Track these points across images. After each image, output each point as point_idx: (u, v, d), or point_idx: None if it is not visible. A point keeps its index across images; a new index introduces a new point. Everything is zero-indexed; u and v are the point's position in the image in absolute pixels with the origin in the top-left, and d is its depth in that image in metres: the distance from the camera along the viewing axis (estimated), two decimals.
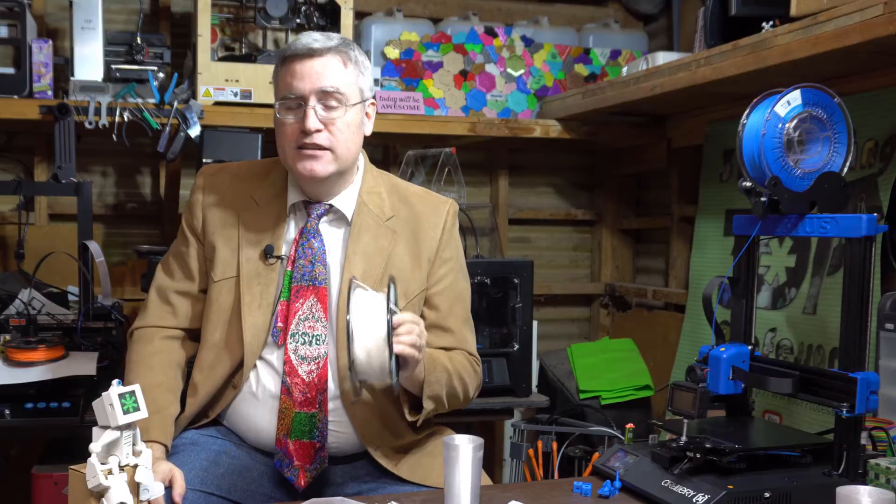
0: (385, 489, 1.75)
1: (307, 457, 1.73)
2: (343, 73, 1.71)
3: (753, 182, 1.72)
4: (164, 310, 1.84)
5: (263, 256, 1.76)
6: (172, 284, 1.85)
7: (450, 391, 1.76)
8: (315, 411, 1.73)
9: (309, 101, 1.69)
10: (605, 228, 3.71)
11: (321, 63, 1.70)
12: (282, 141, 1.75)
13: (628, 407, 3.10)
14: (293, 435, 1.72)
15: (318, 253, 1.76)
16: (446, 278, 1.85)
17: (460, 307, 1.88)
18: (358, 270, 1.76)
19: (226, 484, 1.70)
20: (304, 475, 1.73)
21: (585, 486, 1.68)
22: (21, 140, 3.10)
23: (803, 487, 1.57)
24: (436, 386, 1.72)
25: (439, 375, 1.73)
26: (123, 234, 3.22)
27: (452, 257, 1.87)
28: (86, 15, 2.73)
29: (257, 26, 3.02)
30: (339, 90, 1.70)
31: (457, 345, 1.84)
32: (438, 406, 1.76)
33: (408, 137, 3.19)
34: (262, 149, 2.68)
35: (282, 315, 1.75)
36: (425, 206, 1.86)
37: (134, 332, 1.84)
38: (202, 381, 1.79)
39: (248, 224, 1.79)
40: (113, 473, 1.33)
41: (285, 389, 1.73)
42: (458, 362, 1.81)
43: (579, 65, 3.40)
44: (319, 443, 1.73)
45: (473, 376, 1.84)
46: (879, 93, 2.27)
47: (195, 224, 1.84)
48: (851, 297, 1.62)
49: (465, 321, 1.89)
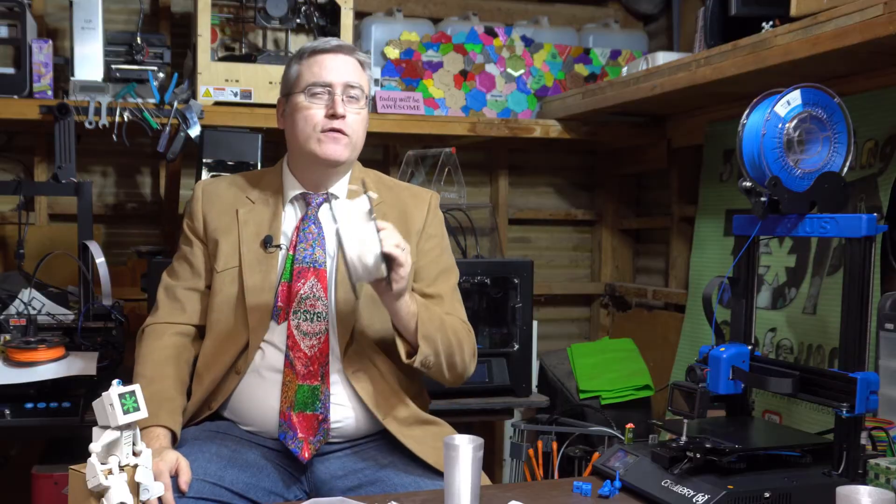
0: (386, 483, 1.75)
1: (311, 429, 1.79)
2: (360, 72, 1.89)
3: (753, 182, 1.72)
4: (174, 306, 1.92)
5: (263, 246, 1.87)
6: (179, 283, 1.94)
7: (444, 339, 1.80)
8: (318, 384, 1.80)
9: (336, 91, 1.83)
10: (605, 228, 3.71)
11: (344, 60, 1.86)
12: (304, 125, 1.85)
13: (628, 407, 3.10)
14: (297, 407, 1.79)
15: (317, 238, 1.87)
16: (432, 252, 1.95)
17: (448, 278, 1.96)
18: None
19: (228, 476, 1.72)
20: (307, 447, 1.79)
21: (585, 486, 1.68)
22: (21, 140, 3.10)
23: (803, 487, 1.57)
24: (429, 325, 1.76)
25: (433, 315, 1.78)
26: (123, 234, 3.22)
27: (437, 234, 1.98)
28: (86, 15, 2.73)
29: (257, 26, 3.02)
30: (360, 86, 1.87)
31: (447, 310, 1.90)
32: (434, 353, 1.78)
33: (408, 137, 3.19)
34: (261, 149, 2.68)
35: (282, 295, 1.84)
36: (408, 193, 2.01)
37: (145, 329, 1.92)
38: (207, 368, 1.86)
39: (246, 219, 1.91)
40: (113, 473, 1.33)
41: (288, 363, 1.80)
42: (451, 321, 1.86)
43: (579, 65, 3.40)
44: (322, 415, 1.79)
45: (467, 336, 1.89)
46: (879, 93, 2.27)
47: (196, 226, 1.95)
48: (851, 297, 1.62)
49: (454, 292, 1.97)
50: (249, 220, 1.90)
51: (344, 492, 1.74)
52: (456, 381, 1.91)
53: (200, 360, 1.89)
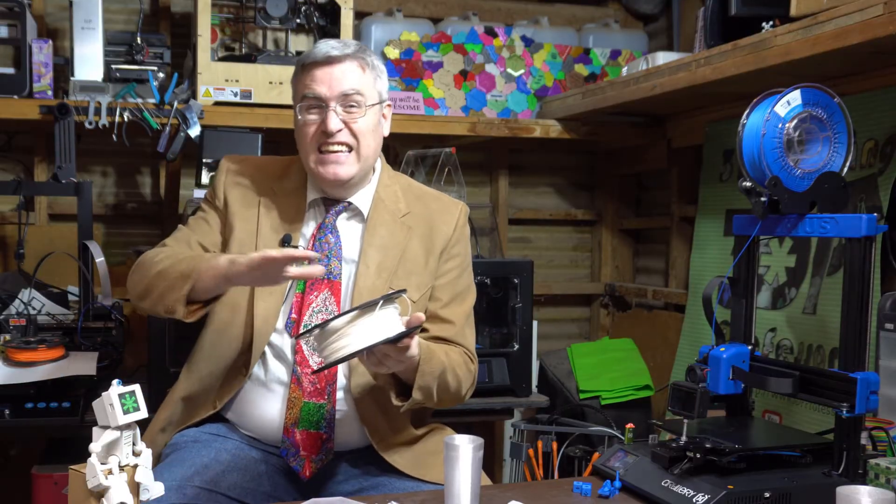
0: (386, 487, 1.75)
1: (314, 447, 1.75)
2: (361, 76, 1.79)
3: (753, 182, 1.72)
4: (181, 245, 1.83)
5: (281, 244, 1.80)
6: (193, 235, 1.85)
7: (441, 385, 1.75)
8: (324, 402, 1.75)
9: (329, 105, 1.76)
10: (605, 228, 3.71)
11: (340, 69, 1.77)
12: (303, 143, 1.81)
13: (628, 407, 3.10)
14: (301, 425, 1.75)
15: (334, 248, 1.81)
16: (451, 272, 1.89)
17: (462, 302, 1.90)
18: (373, 263, 1.81)
19: (228, 481, 1.71)
20: (309, 465, 1.75)
21: (585, 486, 1.68)
22: (21, 140, 3.10)
23: (803, 487, 1.56)
24: (428, 377, 1.71)
25: (434, 367, 1.72)
26: (123, 234, 3.22)
27: (460, 254, 1.91)
28: (86, 15, 2.73)
29: (257, 26, 3.01)
30: (358, 91, 1.78)
31: (455, 338, 1.85)
32: (427, 398, 1.75)
33: (408, 137, 3.19)
34: (262, 149, 2.68)
35: (296, 307, 1.79)
36: (439, 205, 1.92)
37: (144, 256, 1.80)
38: (204, 360, 1.81)
39: (267, 210, 1.84)
40: (113, 473, 1.33)
41: (295, 379, 1.75)
42: (454, 358, 1.81)
43: (579, 65, 3.40)
44: (326, 434, 1.75)
45: (468, 375, 1.84)
46: (879, 93, 2.27)
47: (217, 203, 1.88)
48: (851, 297, 1.62)
49: (467, 318, 1.90)
50: (271, 215, 1.84)
51: (344, 495, 1.73)
52: (446, 407, 1.86)
53: (196, 350, 1.84)
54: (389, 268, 1.81)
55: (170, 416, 1.84)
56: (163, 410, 1.86)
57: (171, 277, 1.67)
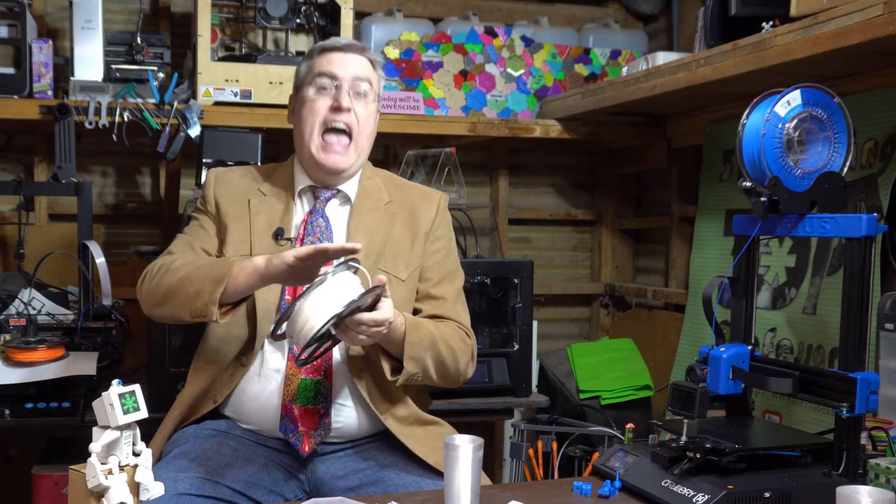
0: (386, 483, 1.75)
1: (312, 423, 1.79)
2: (371, 71, 1.93)
3: (753, 182, 1.72)
4: (189, 252, 1.88)
5: (275, 238, 1.88)
6: (195, 241, 1.91)
7: (435, 356, 1.79)
8: (320, 378, 1.80)
9: (343, 85, 1.86)
10: (605, 228, 3.71)
11: (354, 58, 1.90)
12: (309, 121, 1.87)
13: (628, 407, 3.10)
14: (298, 400, 1.79)
15: (324, 231, 1.88)
16: (438, 253, 1.97)
17: (453, 281, 1.97)
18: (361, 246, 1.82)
19: (230, 473, 1.72)
20: (308, 441, 1.79)
21: (585, 486, 1.68)
22: (21, 140, 3.10)
23: (803, 487, 1.56)
24: (417, 347, 1.75)
25: (422, 336, 1.76)
26: (123, 234, 3.22)
27: (445, 236, 2.00)
28: (86, 15, 2.73)
29: (257, 26, 3.01)
30: (368, 80, 1.91)
31: (448, 314, 1.91)
32: (422, 371, 1.78)
33: (408, 137, 3.19)
34: (261, 149, 2.68)
35: (290, 290, 1.84)
36: (419, 192, 2.03)
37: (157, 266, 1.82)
38: (210, 360, 1.86)
39: (257, 210, 1.91)
40: (113, 473, 1.33)
41: (292, 356, 1.80)
42: (447, 331, 1.85)
43: (579, 65, 3.40)
44: (324, 409, 1.80)
45: (464, 347, 1.88)
46: (879, 93, 2.27)
47: (209, 208, 1.95)
48: (851, 297, 1.62)
49: (458, 295, 1.97)
50: (261, 211, 1.91)
51: (344, 492, 1.74)
52: (450, 385, 1.91)
53: (201, 350, 1.89)
54: (376, 251, 1.89)
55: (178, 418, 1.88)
56: (173, 412, 1.89)
57: (197, 282, 1.71)
